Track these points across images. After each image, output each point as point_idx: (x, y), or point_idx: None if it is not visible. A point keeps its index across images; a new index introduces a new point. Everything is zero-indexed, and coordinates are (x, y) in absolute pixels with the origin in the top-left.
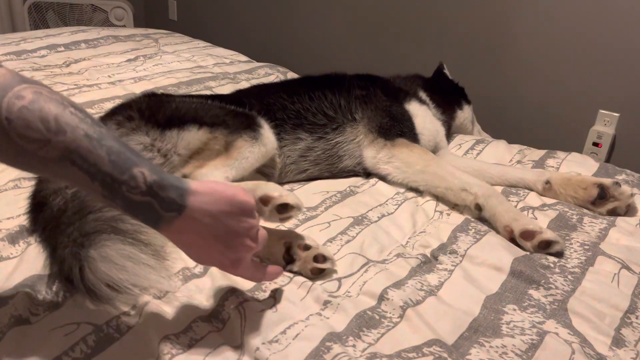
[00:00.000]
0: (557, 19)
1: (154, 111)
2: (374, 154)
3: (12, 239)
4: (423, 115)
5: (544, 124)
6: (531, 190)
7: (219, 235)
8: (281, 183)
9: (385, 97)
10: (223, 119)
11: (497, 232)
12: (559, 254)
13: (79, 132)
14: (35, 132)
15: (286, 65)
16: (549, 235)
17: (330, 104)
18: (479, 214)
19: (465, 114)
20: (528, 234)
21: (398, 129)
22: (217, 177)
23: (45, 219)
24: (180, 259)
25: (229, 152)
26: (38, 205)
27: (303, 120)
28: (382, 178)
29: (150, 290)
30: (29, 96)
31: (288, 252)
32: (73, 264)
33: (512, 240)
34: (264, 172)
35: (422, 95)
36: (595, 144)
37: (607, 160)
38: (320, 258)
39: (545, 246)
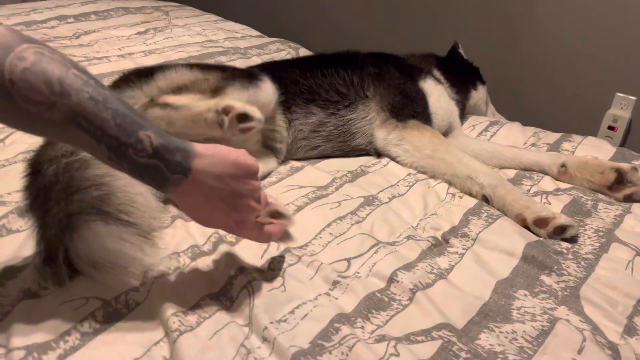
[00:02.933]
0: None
1: (151, 68)
2: (384, 135)
3: (21, 211)
4: (437, 94)
5: (559, 107)
6: (546, 173)
7: (224, 197)
8: (292, 159)
9: (399, 74)
10: (222, 67)
11: (509, 215)
12: (574, 239)
13: (84, 94)
14: (40, 94)
15: (298, 41)
16: (562, 220)
17: (342, 81)
18: (487, 204)
19: (479, 95)
20: (541, 221)
21: (411, 108)
22: (199, 106)
23: (37, 188)
24: (166, 238)
25: (214, 96)
26: (33, 172)
27: (315, 96)
28: (392, 159)
29: (133, 269)
30: (31, 57)
31: None
32: (58, 246)
33: (526, 227)
34: (272, 146)
35: (437, 73)
36: (611, 128)
37: (622, 144)
38: (276, 214)
39: (560, 231)
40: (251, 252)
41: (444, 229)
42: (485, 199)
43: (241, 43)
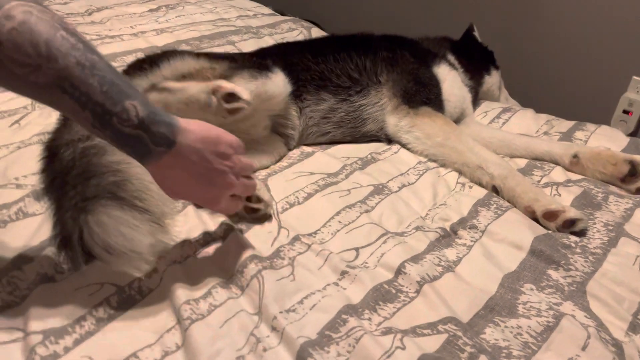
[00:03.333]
0: None
1: (160, 55)
2: (396, 121)
3: (38, 195)
4: (451, 81)
5: (573, 90)
6: (557, 164)
7: (203, 173)
8: (303, 144)
9: (413, 59)
10: (231, 56)
11: (517, 206)
12: (583, 232)
13: (71, 59)
14: (26, 56)
15: (310, 16)
16: (572, 213)
17: (355, 66)
18: (497, 195)
19: (493, 80)
20: (551, 215)
21: (423, 95)
22: (193, 88)
23: (54, 171)
24: (178, 226)
25: None
26: (50, 155)
27: (327, 82)
28: (403, 146)
29: (147, 255)
30: (19, 16)
31: None
32: (73, 229)
33: (535, 220)
34: (282, 132)
35: (451, 58)
36: (626, 112)
37: (637, 129)
38: (255, 199)
39: (569, 225)
40: (262, 240)
41: (453, 220)
42: (495, 190)
43: (253, 22)
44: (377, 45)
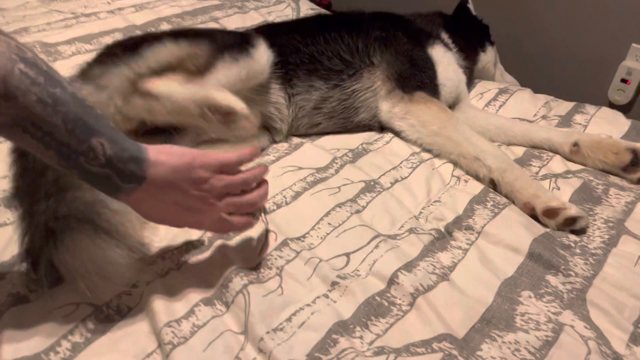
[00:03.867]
0: None
1: (136, 40)
2: (389, 107)
3: (9, 201)
4: (446, 63)
5: (571, 58)
6: (557, 152)
7: (179, 201)
8: (292, 136)
9: (407, 39)
10: (211, 34)
11: (516, 202)
12: (583, 230)
13: (31, 97)
14: None
15: None
16: (573, 211)
17: (347, 47)
18: (494, 189)
19: (488, 57)
20: (551, 212)
21: (418, 79)
22: (175, 89)
23: (25, 173)
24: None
25: (203, 74)
26: (22, 153)
27: (318, 65)
28: (396, 134)
29: (120, 282)
30: None
31: None
32: (42, 251)
33: (534, 217)
34: (271, 125)
35: (445, 37)
36: (624, 81)
37: (635, 98)
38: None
39: (570, 223)
40: (248, 247)
41: (448, 220)
42: (493, 183)
43: None
44: (369, 24)
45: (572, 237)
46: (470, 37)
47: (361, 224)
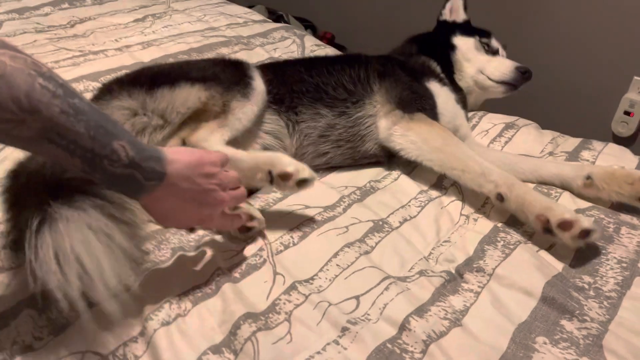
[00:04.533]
0: None
1: (134, 76)
2: (389, 125)
3: (13, 247)
4: (444, 96)
5: (574, 91)
6: (569, 187)
7: (194, 196)
8: None
9: (404, 72)
10: (213, 72)
11: (525, 221)
12: (595, 270)
13: (53, 108)
14: (7, 112)
15: (301, 13)
16: (587, 223)
17: (349, 77)
18: (501, 204)
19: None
20: (566, 224)
21: (419, 103)
22: (215, 141)
23: (18, 172)
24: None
25: (226, 114)
26: (17, 170)
27: (322, 94)
28: (395, 153)
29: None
30: None
31: None
32: (34, 215)
33: (546, 230)
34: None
35: (436, 68)
36: (627, 113)
37: (638, 130)
38: (247, 217)
39: (584, 235)
40: (256, 290)
41: (458, 261)
42: (500, 198)
43: (244, 31)
44: (368, 59)
45: (586, 278)
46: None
47: (370, 265)
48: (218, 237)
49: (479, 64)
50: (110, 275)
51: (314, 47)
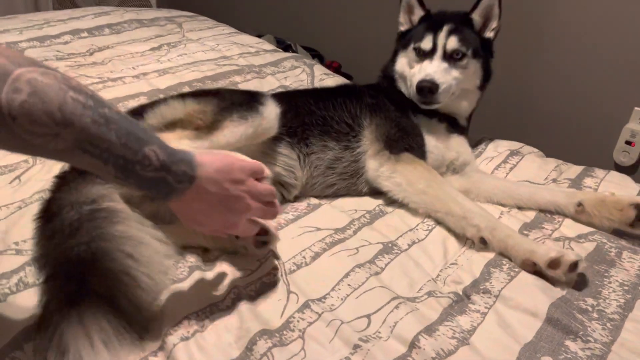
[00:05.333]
0: (592, 10)
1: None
2: (376, 166)
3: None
4: (433, 131)
5: (575, 121)
6: (563, 213)
7: (223, 201)
8: (306, 196)
9: (393, 106)
10: (220, 94)
11: (513, 259)
12: (598, 292)
13: (86, 119)
14: (43, 126)
15: (309, 42)
16: (573, 256)
17: (348, 112)
18: (484, 247)
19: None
20: (554, 263)
21: (406, 142)
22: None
23: (53, 229)
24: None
25: (211, 130)
26: (49, 215)
27: (329, 127)
28: (385, 194)
29: None
30: (26, 88)
31: None
32: (53, 334)
33: (536, 272)
34: (285, 181)
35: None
36: (628, 143)
37: None
38: (262, 231)
39: (573, 268)
40: (271, 308)
41: (465, 283)
42: (483, 242)
43: (256, 60)
44: (362, 91)
45: (589, 300)
46: None
47: (380, 286)
48: (233, 257)
49: (409, 81)
50: None
51: (323, 76)
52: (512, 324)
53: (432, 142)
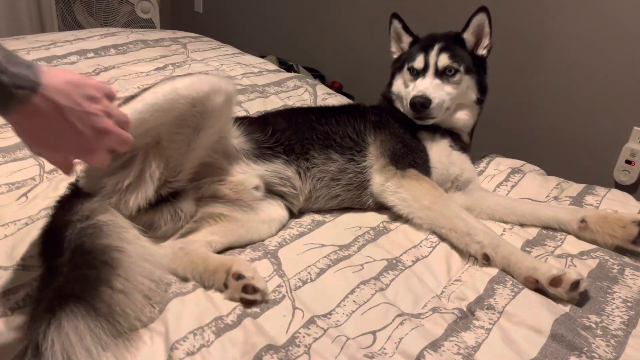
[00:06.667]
0: (593, 31)
1: None
2: (382, 181)
3: None
4: (436, 147)
5: (575, 141)
6: (566, 230)
7: (75, 117)
8: (310, 210)
9: (398, 124)
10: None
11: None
12: (602, 308)
13: None
14: None
15: (311, 62)
16: (575, 275)
17: (353, 128)
18: (487, 264)
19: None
20: (556, 281)
21: (411, 158)
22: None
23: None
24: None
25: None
26: (49, 240)
27: (332, 141)
28: (390, 208)
29: None
30: None
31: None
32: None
33: (537, 289)
34: (283, 193)
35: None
36: (629, 162)
37: None
38: (250, 289)
39: (575, 286)
40: (276, 324)
41: (469, 299)
42: (486, 258)
43: (259, 80)
44: (366, 110)
45: (593, 317)
46: None
47: (385, 302)
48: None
49: (405, 99)
50: None
51: (326, 96)
52: (517, 340)
53: (435, 157)
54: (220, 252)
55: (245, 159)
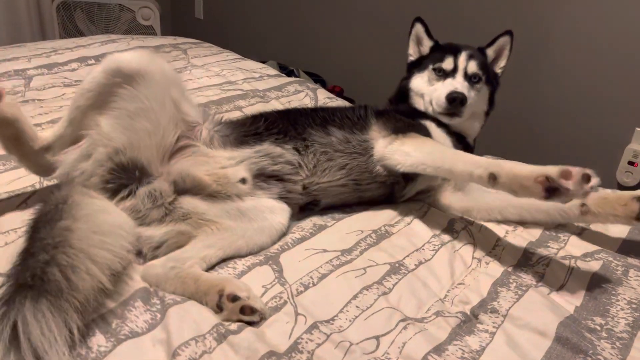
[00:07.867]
0: (595, 32)
1: None
2: (385, 144)
3: None
4: (440, 135)
5: (578, 142)
6: (567, 217)
7: None
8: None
9: (399, 114)
10: None
11: (524, 192)
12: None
13: None
14: None
15: (311, 67)
16: (586, 170)
17: (352, 113)
18: (495, 184)
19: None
20: (567, 173)
21: (413, 130)
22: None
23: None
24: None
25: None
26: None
27: (330, 121)
28: (394, 170)
29: None
30: None
31: (220, 300)
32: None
33: (548, 190)
34: (279, 173)
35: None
36: (631, 163)
37: None
38: (248, 310)
39: (587, 179)
40: (279, 330)
41: (473, 303)
42: (493, 177)
43: (260, 84)
44: (367, 106)
45: (597, 319)
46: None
47: (389, 307)
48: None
49: (428, 96)
50: None
51: (326, 100)
52: (521, 343)
53: (439, 140)
54: (218, 263)
55: (223, 144)
